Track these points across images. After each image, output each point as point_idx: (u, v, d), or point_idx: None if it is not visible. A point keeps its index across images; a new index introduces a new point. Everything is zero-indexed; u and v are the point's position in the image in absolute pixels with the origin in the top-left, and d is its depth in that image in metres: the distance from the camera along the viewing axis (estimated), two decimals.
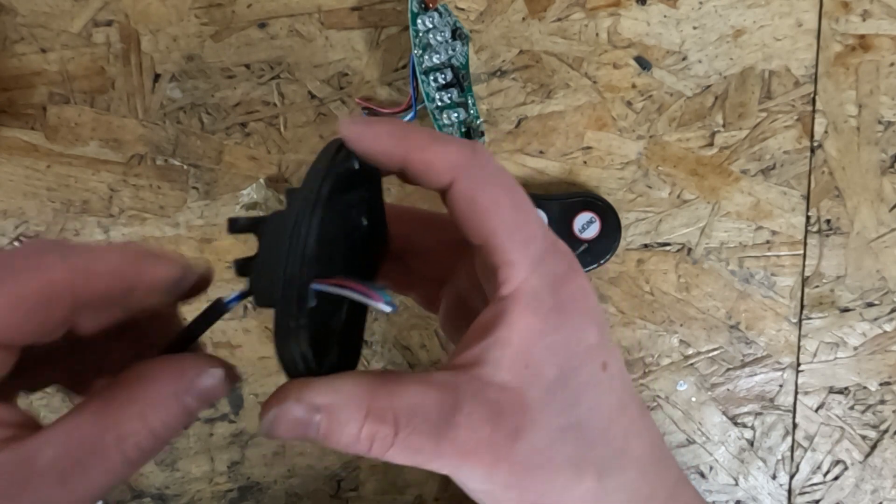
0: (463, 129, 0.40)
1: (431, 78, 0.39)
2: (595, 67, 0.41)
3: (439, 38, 0.38)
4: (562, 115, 0.41)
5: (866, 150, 0.41)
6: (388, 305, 0.20)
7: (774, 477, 0.43)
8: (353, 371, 0.21)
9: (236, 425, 0.44)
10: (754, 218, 0.41)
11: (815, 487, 0.43)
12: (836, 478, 0.43)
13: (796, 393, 0.43)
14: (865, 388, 0.42)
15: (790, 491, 0.43)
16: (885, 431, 0.43)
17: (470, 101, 0.40)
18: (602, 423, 0.21)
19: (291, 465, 0.44)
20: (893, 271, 0.41)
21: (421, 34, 0.38)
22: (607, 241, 0.40)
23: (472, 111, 0.40)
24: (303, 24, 0.41)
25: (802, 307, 0.42)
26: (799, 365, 0.42)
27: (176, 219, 0.42)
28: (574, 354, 0.21)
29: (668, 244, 0.42)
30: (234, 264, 0.21)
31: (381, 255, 0.25)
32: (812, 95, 0.41)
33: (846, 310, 0.42)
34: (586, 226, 0.40)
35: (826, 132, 0.41)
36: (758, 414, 0.43)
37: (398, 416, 0.19)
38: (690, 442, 0.43)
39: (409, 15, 0.38)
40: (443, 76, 0.39)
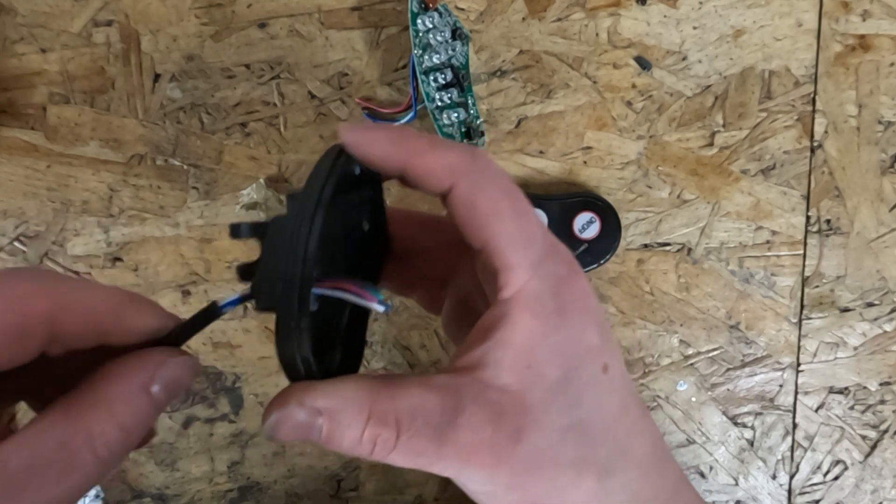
0: (463, 129, 0.40)
1: (431, 78, 0.39)
2: (595, 67, 0.41)
3: (439, 38, 0.38)
4: (562, 115, 0.41)
5: (866, 150, 0.41)
6: (382, 305, 0.20)
7: (774, 477, 0.43)
8: (354, 374, 0.21)
9: (236, 425, 0.44)
10: (754, 218, 0.41)
11: (815, 487, 0.43)
12: (836, 478, 0.43)
13: (796, 393, 0.43)
14: (865, 388, 0.42)
15: (790, 491, 0.43)
16: (885, 431, 0.43)
17: (470, 101, 0.40)
18: (604, 423, 0.21)
19: (291, 465, 0.44)
20: (893, 271, 0.41)
21: (421, 34, 0.38)
22: (607, 241, 0.40)
23: (472, 111, 0.40)
24: (303, 24, 0.41)
25: (802, 307, 0.42)
26: (799, 365, 0.42)
27: (176, 219, 0.42)
28: (575, 356, 0.21)
29: (668, 244, 0.42)
30: (236, 270, 0.21)
31: (384, 258, 0.26)
32: (812, 95, 0.41)
33: (846, 310, 0.42)
34: (586, 226, 0.40)
35: (826, 132, 0.41)
36: (758, 414, 0.43)
37: (400, 418, 0.19)
38: (690, 442, 0.43)
39: (409, 15, 0.38)
40: (443, 76, 0.39)
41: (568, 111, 0.41)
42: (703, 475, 0.43)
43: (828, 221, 0.41)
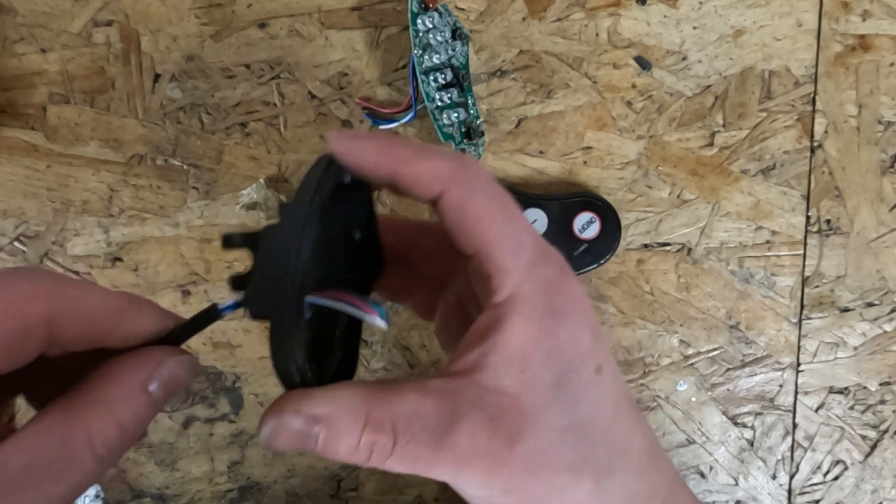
0: (463, 129, 0.40)
1: (431, 78, 0.39)
2: (595, 67, 0.41)
3: (439, 38, 0.38)
4: (562, 115, 0.41)
5: (866, 150, 0.41)
6: (383, 320, 0.20)
7: (774, 477, 0.43)
8: (350, 380, 0.21)
9: (236, 425, 0.44)
10: (754, 218, 0.41)
11: (815, 487, 0.43)
12: (836, 478, 0.43)
13: (796, 393, 0.43)
14: (865, 388, 0.42)
15: (790, 491, 0.43)
16: (885, 431, 0.43)
17: (470, 101, 0.40)
18: (600, 424, 0.21)
19: (291, 465, 0.44)
20: (893, 271, 0.41)
21: (421, 34, 0.38)
22: (607, 241, 0.40)
23: (472, 111, 0.40)
24: (303, 24, 0.41)
25: (802, 307, 0.42)
26: (799, 365, 0.42)
27: (176, 219, 0.42)
28: (569, 358, 0.21)
29: (668, 244, 0.42)
30: (228, 280, 0.21)
31: (377, 266, 0.26)
32: (812, 95, 0.41)
33: (846, 310, 0.42)
34: (586, 226, 0.40)
35: (826, 132, 0.41)
36: (758, 414, 0.43)
37: (396, 424, 0.19)
38: (690, 442, 0.43)
39: (409, 15, 0.38)
40: (443, 76, 0.39)
41: (568, 111, 0.41)
42: (703, 475, 0.43)
43: (828, 221, 0.41)
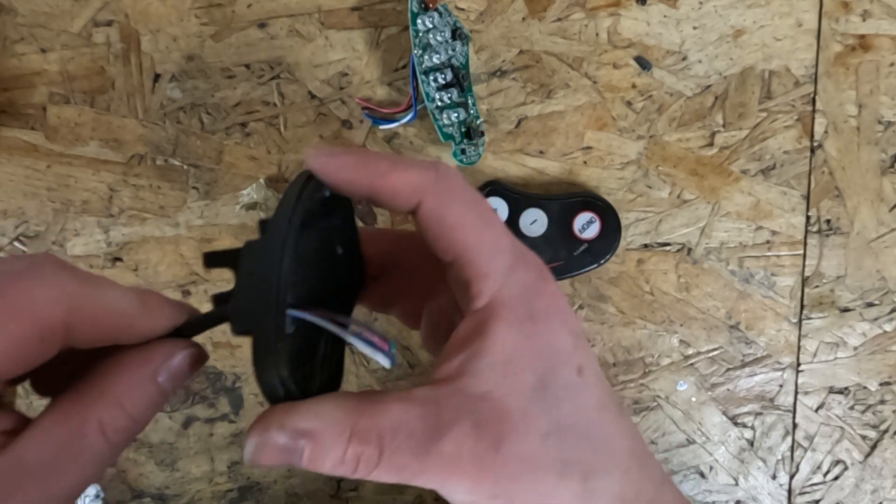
0: (463, 129, 0.40)
1: (431, 78, 0.39)
2: (595, 67, 0.41)
3: (439, 38, 0.38)
4: (562, 115, 0.41)
5: (866, 150, 0.41)
6: (387, 357, 0.20)
7: (774, 477, 0.43)
8: (334, 393, 0.21)
9: (236, 425, 0.44)
10: (754, 218, 0.41)
11: (815, 487, 0.43)
12: (836, 478, 0.43)
13: (796, 393, 0.43)
14: (865, 388, 0.42)
15: (790, 491, 0.43)
16: (885, 431, 0.43)
17: (470, 101, 0.40)
18: (583, 425, 0.21)
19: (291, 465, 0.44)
20: (893, 271, 0.41)
21: (421, 34, 0.38)
22: (607, 241, 0.40)
23: (472, 111, 0.40)
24: (303, 24, 0.41)
25: (802, 307, 0.42)
26: (799, 365, 0.42)
27: (176, 219, 0.42)
28: (550, 360, 0.21)
29: (668, 244, 0.42)
30: (211, 298, 0.21)
31: (359, 280, 0.26)
32: (812, 95, 0.41)
33: (846, 310, 0.42)
34: (586, 226, 0.40)
35: (826, 132, 0.41)
36: (758, 414, 0.43)
37: (382, 435, 0.19)
38: (690, 442, 0.43)
39: (409, 15, 0.38)
40: (443, 76, 0.39)
41: (568, 111, 0.41)
42: (703, 475, 0.43)
43: (828, 221, 0.41)
